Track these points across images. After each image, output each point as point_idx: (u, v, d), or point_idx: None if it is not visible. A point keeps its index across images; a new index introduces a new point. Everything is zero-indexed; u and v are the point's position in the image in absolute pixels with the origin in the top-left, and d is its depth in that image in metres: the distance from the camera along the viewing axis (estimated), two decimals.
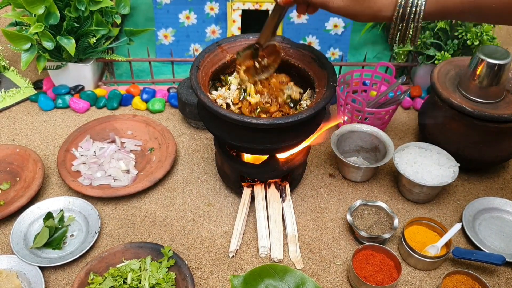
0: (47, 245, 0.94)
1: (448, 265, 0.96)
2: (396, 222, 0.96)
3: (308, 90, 0.93)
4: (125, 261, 0.91)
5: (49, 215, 0.98)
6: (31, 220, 0.98)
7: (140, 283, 0.87)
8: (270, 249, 0.95)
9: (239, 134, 0.83)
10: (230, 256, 0.95)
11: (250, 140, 0.84)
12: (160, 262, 0.91)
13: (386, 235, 0.94)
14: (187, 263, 0.93)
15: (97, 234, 0.96)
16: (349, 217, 0.97)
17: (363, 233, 0.94)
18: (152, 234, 0.99)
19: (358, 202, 1.00)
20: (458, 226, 0.95)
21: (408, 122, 1.30)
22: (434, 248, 0.94)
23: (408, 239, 0.96)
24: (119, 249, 0.92)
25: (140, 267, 0.90)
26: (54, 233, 0.96)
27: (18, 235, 0.95)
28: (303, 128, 0.85)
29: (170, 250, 0.92)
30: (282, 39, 0.95)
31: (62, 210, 1.00)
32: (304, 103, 0.90)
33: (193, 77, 0.85)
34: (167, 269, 0.90)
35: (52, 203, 1.01)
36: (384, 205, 0.99)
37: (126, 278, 0.88)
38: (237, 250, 0.96)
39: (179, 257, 0.91)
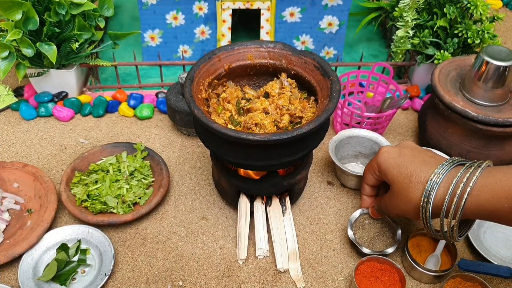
0: (55, 278, 0.87)
1: None
2: (399, 233, 0.92)
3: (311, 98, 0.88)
4: (103, 158, 1.07)
5: (63, 246, 0.91)
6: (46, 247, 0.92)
7: (120, 172, 1.03)
8: (274, 259, 0.91)
9: (236, 151, 0.78)
10: (240, 263, 0.92)
11: (247, 156, 0.79)
12: (135, 156, 1.08)
13: (390, 250, 0.90)
14: (181, 283, 0.89)
15: (107, 277, 0.87)
16: (350, 232, 0.92)
17: (365, 250, 0.90)
18: (144, 253, 0.94)
19: (358, 212, 0.95)
20: None
21: (407, 124, 1.26)
22: (434, 257, 0.91)
23: (412, 251, 0.92)
24: (97, 150, 1.08)
25: (117, 160, 1.07)
26: (65, 266, 0.89)
27: (28, 263, 0.89)
28: (305, 143, 0.80)
29: (142, 145, 1.09)
30: (283, 46, 0.90)
31: (79, 241, 0.93)
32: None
33: (187, 89, 0.79)
34: (142, 159, 1.07)
35: (70, 231, 0.95)
36: None
37: (107, 171, 1.04)
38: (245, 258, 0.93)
39: (150, 149, 1.09)
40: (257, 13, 1.32)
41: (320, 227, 1.00)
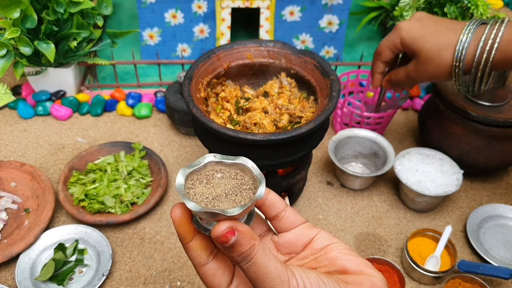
0: (52, 278, 0.86)
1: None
2: (261, 190, 0.43)
3: (311, 98, 0.88)
4: (101, 158, 1.07)
5: (61, 246, 0.91)
6: (43, 247, 0.92)
7: (118, 171, 1.03)
8: None
9: (235, 150, 0.77)
10: None
11: (246, 156, 0.78)
12: (133, 155, 1.07)
13: (235, 211, 0.40)
14: (179, 283, 0.88)
15: (105, 277, 0.87)
16: (179, 180, 0.43)
17: (191, 205, 0.40)
18: (142, 253, 0.93)
19: (208, 158, 0.46)
20: (449, 229, 0.91)
21: (407, 124, 1.25)
22: (434, 258, 0.90)
23: (412, 251, 0.92)
24: (95, 149, 1.07)
25: (115, 160, 1.06)
26: (63, 266, 0.88)
27: (26, 262, 0.88)
28: (304, 143, 0.80)
29: (140, 144, 1.09)
30: (283, 45, 0.89)
31: (77, 241, 0.92)
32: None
33: (186, 88, 0.79)
34: (140, 159, 1.07)
35: (68, 231, 0.94)
36: (250, 164, 0.46)
37: (105, 171, 1.03)
38: None
39: (148, 149, 1.09)
40: (256, 12, 1.31)
41: (319, 227, 0.99)
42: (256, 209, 0.48)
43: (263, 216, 0.49)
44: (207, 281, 0.43)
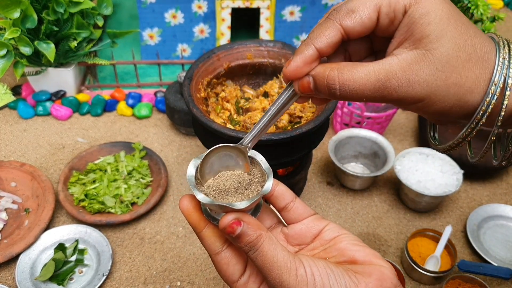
0: (52, 278, 0.86)
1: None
2: (268, 184, 0.43)
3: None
4: (101, 158, 1.07)
5: (61, 246, 0.91)
6: (43, 247, 0.92)
7: (118, 171, 1.03)
8: None
9: None
10: None
11: None
12: (133, 155, 1.07)
13: (241, 204, 0.41)
14: (179, 284, 0.88)
15: (105, 277, 0.87)
16: (190, 170, 0.44)
17: (201, 197, 0.41)
18: (142, 253, 0.93)
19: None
20: (449, 229, 0.91)
21: (407, 124, 1.25)
22: (434, 258, 0.90)
23: (412, 251, 0.92)
24: (95, 149, 1.08)
25: (115, 160, 1.06)
26: (63, 266, 0.88)
27: (26, 262, 0.88)
28: (304, 143, 0.79)
29: (140, 144, 1.09)
30: (283, 45, 0.89)
31: (77, 241, 0.92)
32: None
33: (186, 88, 0.79)
34: (140, 159, 1.07)
35: (68, 231, 0.94)
36: (259, 157, 0.46)
37: (105, 171, 1.03)
38: None
39: (148, 149, 1.09)
40: (256, 12, 1.31)
41: None
42: (265, 202, 0.49)
43: (274, 209, 0.49)
44: (221, 270, 0.44)
